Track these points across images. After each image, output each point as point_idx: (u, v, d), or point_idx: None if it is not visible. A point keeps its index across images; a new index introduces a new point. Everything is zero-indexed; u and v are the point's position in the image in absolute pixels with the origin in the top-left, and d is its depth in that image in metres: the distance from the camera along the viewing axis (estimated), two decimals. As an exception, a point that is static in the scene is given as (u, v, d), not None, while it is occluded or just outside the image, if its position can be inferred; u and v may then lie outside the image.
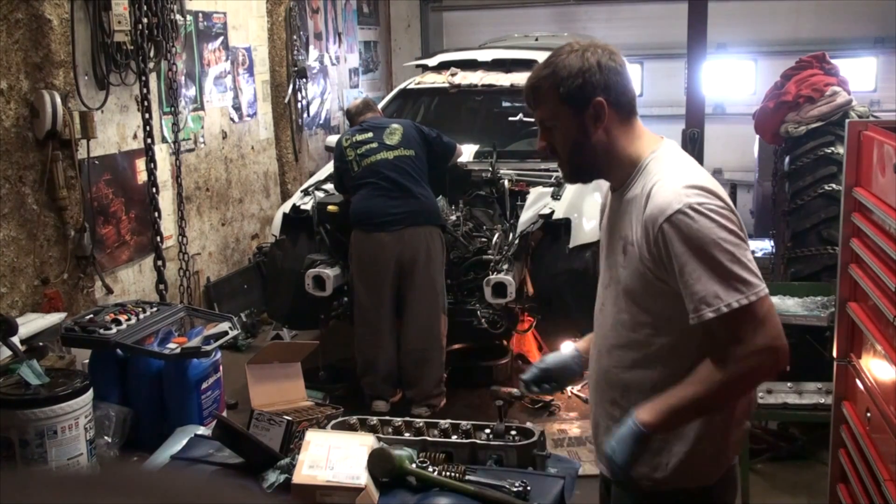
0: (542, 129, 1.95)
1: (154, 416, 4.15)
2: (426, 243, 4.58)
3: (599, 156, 1.91)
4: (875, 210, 2.70)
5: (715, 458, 1.93)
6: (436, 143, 4.90)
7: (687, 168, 1.89)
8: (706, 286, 1.74)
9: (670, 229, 1.77)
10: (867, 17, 8.50)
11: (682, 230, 1.76)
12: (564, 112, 1.88)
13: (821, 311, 4.20)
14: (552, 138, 1.93)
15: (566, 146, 1.92)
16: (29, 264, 4.47)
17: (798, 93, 5.10)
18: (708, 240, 1.76)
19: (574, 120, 1.88)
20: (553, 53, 1.93)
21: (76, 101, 4.67)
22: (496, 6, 9.83)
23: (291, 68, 7.45)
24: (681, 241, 1.76)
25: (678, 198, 1.78)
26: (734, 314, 1.74)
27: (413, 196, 4.63)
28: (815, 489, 3.88)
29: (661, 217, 1.78)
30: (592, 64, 1.87)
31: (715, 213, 1.78)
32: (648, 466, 1.91)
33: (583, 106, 1.87)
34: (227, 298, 6.33)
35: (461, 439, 2.32)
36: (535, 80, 1.92)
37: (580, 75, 1.86)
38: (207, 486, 0.66)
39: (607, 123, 1.88)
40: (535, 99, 1.93)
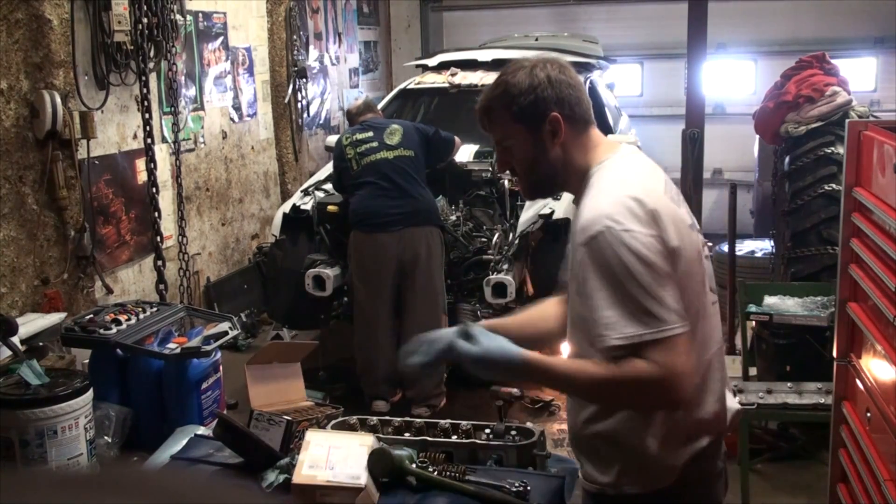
0: (500, 150, 1.95)
1: (154, 416, 4.15)
2: (426, 243, 4.57)
3: (558, 170, 1.89)
4: (875, 210, 2.70)
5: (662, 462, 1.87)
6: (434, 140, 4.90)
7: (624, 182, 1.82)
8: (610, 313, 1.70)
9: (587, 251, 1.74)
10: (867, 17, 8.49)
11: (596, 253, 1.72)
12: (519, 130, 1.87)
13: (821, 311, 4.20)
14: (510, 157, 1.92)
15: (523, 164, 1.91)
16: (29, 264, 4.47)
17: (798, 93, 5.10)
18: (621, 268, 1.70)
19: (530, 137, 1.86)
20: (502, 72, 1.90)
21: (76, 101, 4.67)
22: (496, 6, 9.83)
23: (291, 68, 7.45)
24: (594, 264, 1.73)
25: (601, 219, 1.73)
26: (637, 347, 1.70)
27: (412, 196, 4.63)
28: (815, 489, 3.88)
29: (580, 237, 1.76)
30: (542, 79, 1.84)
31: (636, 241, 1.71)
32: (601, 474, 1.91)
33: (538, 123, 1.85)
34: (227, 298, 6.33)
35: (461, 439, 2.32)
36: (487, 101, 1.90)
37: (531, 92, 1.83)
38: (208, 486, 0.66)
39: (564, 138, 1.85)
40: (489, 121, 1.92)
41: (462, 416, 2.50)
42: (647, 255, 1.71)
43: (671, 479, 1.87)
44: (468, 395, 5.05)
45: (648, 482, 1.89)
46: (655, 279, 1.71)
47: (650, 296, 1.70)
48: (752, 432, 4.06)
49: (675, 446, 1.87)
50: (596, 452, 1.93)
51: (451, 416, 2.48)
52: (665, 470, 1.87)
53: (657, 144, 8.34)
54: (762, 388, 3.94)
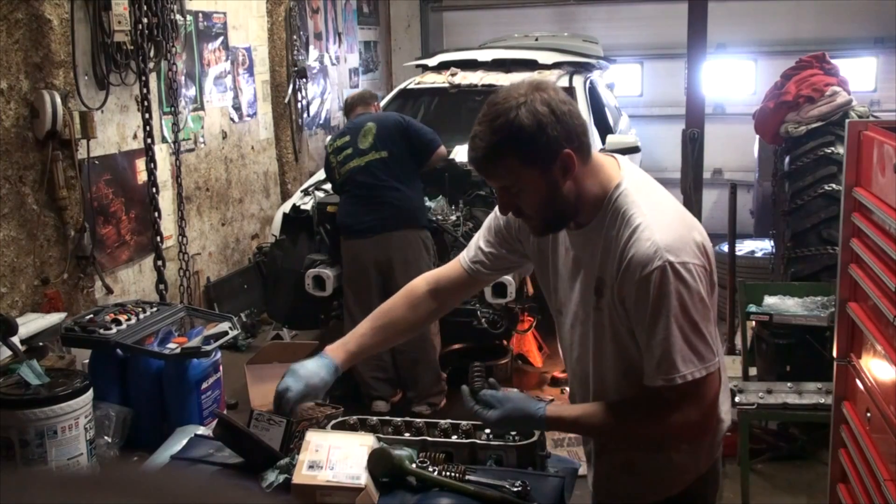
0: (504, 195, 1.80)
1: (154, 416, 4.15)
2: (401, 247, 4.53)
3: (571, 204, 1.80)
4: (875, 210, 2.70)
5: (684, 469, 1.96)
6: (413, 137, 4.71)
7: (664, 209, 1.81)
8: (666, 353, 1.71)
9: (650, 283, 1.70)
10: (867, 17, 8.49)
11: (659, 288, 1.70)
12: (529, 174, 1.74)
13: (821, 311, 4.20)
14: (518, 202, 1.79)
15: (535, 206, 1.79)
16: (29, 264, 4.47)
17: (798, 93, 5.10)
18: (681, 305, 1.70)
19: (542, 178, 1.74)
20: (494, 113, 1.71)
21: (76, 101, 4.67)
22: (496, 6, 9.83)
23: (291, 68, 7.45)
24: (655, 298, 1.70)
25: (661, 252, 1.70)
26: (683, 386, 1.72)
27: (385, 201, 4.57)
28: (815, 489, 3.88)
29: (642, 268, 1.71)
30: (547, 114, 1.70)
31: (694, 277, 1.71)
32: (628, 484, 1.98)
33: (550, 163, 1.73)
34: (227, 298, 6.33)
35: (461, 439, 2.32)
36: (490, 147, 1.72)
37: (541, 132, 1.69)
38: (207, 486, 0.66)
39: (575, 172, 1.76)
40: (493, 169, 1.76)
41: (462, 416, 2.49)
42: (699, 291, 1.72)
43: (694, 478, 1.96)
44: (468, 395, 5.05)
45: (678, 484, 1.96)
46: (704, 315, 1.73)
47: (699, 333, 1.72)
48: (752, 432, 4.06)
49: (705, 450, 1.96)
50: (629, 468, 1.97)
51: (451, 416, 2.47)
52: (691, 471, 1.96)
53: (657, 144, 8.35)
54: (762, 388, 3.94)
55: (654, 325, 1.71)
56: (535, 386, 5.27)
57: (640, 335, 1.76)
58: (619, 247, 1.76)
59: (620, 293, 1.77)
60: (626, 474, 1.99)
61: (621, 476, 2.00)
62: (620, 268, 1.75)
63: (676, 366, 1.70)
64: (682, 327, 1.70)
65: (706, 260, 1.77)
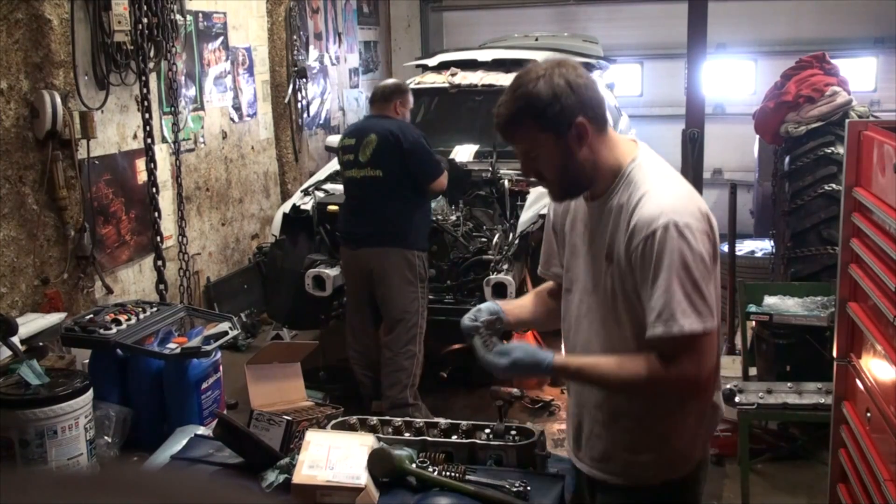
0: (525, 159, 1.97)
1: (154, 416, 4.15)
2: (380, 264, 4.48)
3: (587, 171, 1.94)
4: (875, 210, 2.70)
5: (685, 455, 2.03)
6: (412, 164, 4.46)
7: (673, 181, 1.95)
8: (668, 304, 1.80)
9: (654, 240, 1.82)
10: (867, 17, 8.49)
11: (665, 243, 1.81)
12: (546, 139, 1.89)
13: (821, 311, 4.20)
14: (537, 166, 1.95)
15: (553, 171, 1.94)
16: (29, 264, 4.47)
17: (798, 93, 5.10)
18: (686, 261, 1.80)
19: (557, 144, 1.89)
20: (517, 84, 1.91)
21: (76, 101, 4.67)
22: (496, 6, 9.83)
23: (291, 68, 7.45)
24: (660, 253, 1.81)
25: (666, 213, 1.83)
26: (681, 338, 1.80)
27: (374, 218, 4.50)
28: (815, 489, 3.88)
29: (646, 227, 1.83)
30: (563, 86, 1.86)
31: (696, 238, 1.82)
32: (631, 465, 2.02)
33: (564, 129, 1.88)
34: (227, 298, 6.33)
35: (461, 439, 2.32)
36: (509, 114, 1.90)
37: (556, 101, 1.85)
38: (207, 486, 0.66)
39: (590, 139, 1.90)
40: (512, 133, 1.93)
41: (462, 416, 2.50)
42: (701, 252, 1.82)
43: (693, 466, 2.04)
44: (468, 395, 5.05)
45: (679, 469, 2.03)
46: (705, 276, 1.83)
47: (699, 292, 1.81)
48: (752, 432, 4.06)
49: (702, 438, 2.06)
50: (632, 448, 2.02)
51: (451, 416, 2.48)
52: (691, 458, 2.04)
53: (657, 144, 8.31)
54: (762, 388, 3.94)
55: (656, 279, 1.82)
56: (535, 386, 5.26)
57: (644, 292, 1.85)
58: (629, 211, 1.88)
59: (628, 254, 1.87)
60: (626, 453, 2.02)
61: (621, 456, 2.03)
62: (629, 229, 1.87)
63: (675, 317, 1.79)
64: (682, 283, 1.80)
65: (709, 227, 1.87)
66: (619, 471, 2.04)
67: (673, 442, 2.00)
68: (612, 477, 2.05)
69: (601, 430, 2.04)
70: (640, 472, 2.02)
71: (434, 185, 4.53)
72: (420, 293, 4.51)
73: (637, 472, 2.02)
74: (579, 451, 2.12)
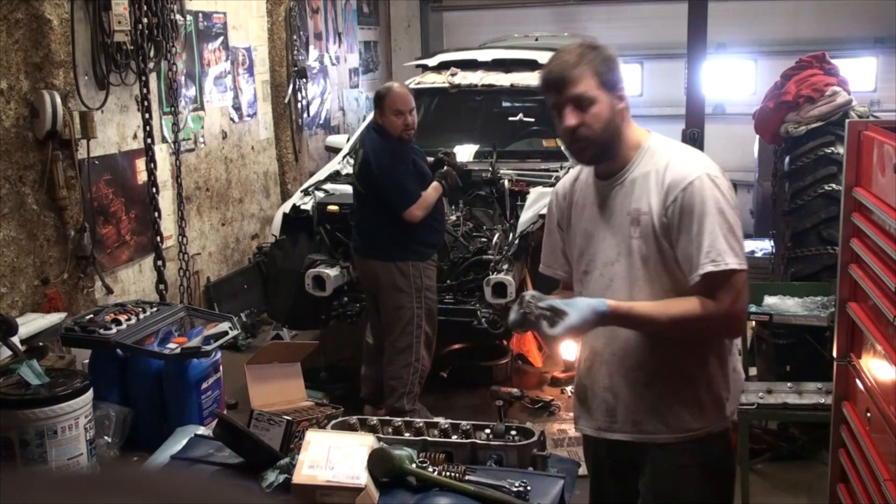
0: (575, 107, 2.06)
1: (154, 416, 4.15)
2: (375, 275, 4.51)
3: (618, 137, 2.11)
4: (875, 210, 2.70)
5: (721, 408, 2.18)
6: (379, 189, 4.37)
7: (691, 149, 2.19)
8: (714, 244, 1.98)
9: (692, 190, 2.01)
10: (867, 17, 8.49)
11: (703, 192, 2.01)
12: (600, 94, 2.06)
13: (821, 311, 4.20)
14: (584, 116, 2.06)
15: (600, 125, 2.07)
16: (29, 264, 4.47)
17: (798, 93, 5.10)
18: (722, 207, 2.01)
19: (608, 103, 2.07)
20: (581, 41, 2.13)
21: (76, 101, 4.67)
22: (496, 6, 9.83)
23: (291, 68, 7.45)
24: (700, 201, 2.00)
25: (699, 167, 2.05)
26: (725, 275, 1.99)
27: (363, 229, 4.56)
28: (815, 489, 3.88)
29: (684, 180, 2.03)
30: (615, 58, 2.11)
31: (726, 189, 2.05)
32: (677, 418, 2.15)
33: (613, 92, 2.08)
34: (227, 298, 6.33)
35: (461, 439, 2.32)
36: (575, 60, 2.05)
37: (616, 66, 2.09)
38: (207, 486, 0.66)
39: (623, 110, 2.11)
40: (576, 78, 2.05)
41: (462, 416, 2.50)
42: (731, 200, 2.05)
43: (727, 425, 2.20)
44: (468, 395, 5.05)
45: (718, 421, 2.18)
46: (735, 222, 2.04)
47: (734, 235, 2.02)
48: (752, 432, 4.06)
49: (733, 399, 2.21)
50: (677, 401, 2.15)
51: (451, 416, 2.48)
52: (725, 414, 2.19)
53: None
54: (762, 388, 3.94)
55: (700, 224, 2.00)
56: (535, 386, 5.27)
57: (684, 239, 2.02)
58: (659, 174, 2.07)
59: (663, 209, 2.05)
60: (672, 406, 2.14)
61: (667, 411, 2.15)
62: (662, 187, 2.06)
63: (722, 255, 1.98)
64: (722, 226, 2.00)
65: (728, 183, 2.09)
66: (665, 427, 2.15)
67: (713, 390, 2.15)
68: (657, 435, 2.16)
69: (643, 391, 2.15)
70: (685, 425, 2.14)
71: (410, 215, 4.32)
72: (416, 303, 4.45)
73: (683, 424, 2.14)
74: (614, 424, 2.21)
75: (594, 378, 2.24)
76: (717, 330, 2.08)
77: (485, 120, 6.43)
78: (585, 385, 2.27)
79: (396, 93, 4.41)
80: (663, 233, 2.06)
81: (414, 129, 4.45)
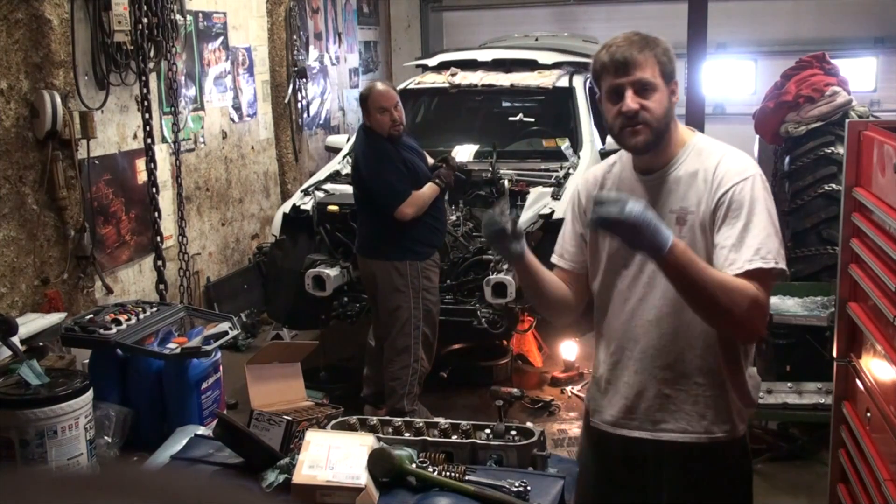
0: (635, 91, 2.06)
1: (154, 416, 4.15)
2: (372, 274, 4.53)
3: (670, 131, 2.11)
4: (875, 210, 2.71)
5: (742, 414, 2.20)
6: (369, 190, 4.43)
7: (740, 151, 2.17)
8: (766, 242, 1.98)
9: (746, 185, 2.02)
10: (867, 17, 8.49)
11: (755, 190, 2.02)
12: (660, 83, 2.07)
13: (821, 311, 4.20)
14: (645, 99, 2.06)
15: (660, 111, 2.07)
16: (29, 264, 4.47)
17: (798, 93, 5.10)
18: (771, 210, 2.04)
19: (666, 92, 2.08)
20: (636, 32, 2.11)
21: (76, 101, 4.67)
22: (496, 6, 9.83)
23: (291, 68, 7.45)
24: (752, 198, 2.01)
25: (752, 167, 2.08)
26: (771, 274, 2.01)
27: (364, 231, 4.60)
28: (815, 489, 3.88)
29: (738, 176, 2.04)
30: (673, 51, 2.11)
31: (770, 193, 2.08)
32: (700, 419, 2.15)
33: (671, 83, 2.09)
34: (227, 298, 6.33)
35: (461, 439, 2.32)
36: (643, 45, 2.07)
37: (673, 58, 2.10)
38: (207, 486, 0.66)
39: (675, 105, 2.12)
40: (642, 61, 2.05)
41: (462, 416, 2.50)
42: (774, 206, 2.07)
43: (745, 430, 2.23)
44: (468, 395, 5.05)
45: (738, 426, 2.20)
46: (778, 227, 2.06)
47: (780, 237, 2.04)
48: (752, 432, 4.05)
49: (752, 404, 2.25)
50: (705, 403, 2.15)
51: (452, 416, 2.48)
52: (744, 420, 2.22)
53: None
54: (762, 388, 3.94)
55: (749, 220, 2.00)
56: (535, 386, 5.27)
57: (726, 232, 2.01)
58: (710, 170, 2.08)
59: (713, 206, 2.04)
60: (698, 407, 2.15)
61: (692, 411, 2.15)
62: (714, 181, 2.06)
63: (773, 254, 1.99)
64: (771, 226, 2.02)
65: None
66: (688, 427, 2.15)
67: (737, 396, 2.16)
68: (680, 435, 2.16)
69: (670, 391, 2.16)
70: (707, 426, 2.15)
71: (400, 213, 4.34)
72: (413, 302, 4.45)
73: (705, 425, 2.15)
74: (632, 421, 2.22)
75: (619, 374, 2.23)
76: (750, 317, 1.99)
77: (485, 120, 6.43)
78: (609, 380, 2.26)
79: (378, 91, 4.45)
80: (710, 228, 2.05)
81: (402, 123, 4.46)
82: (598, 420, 2.30)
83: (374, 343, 4.76)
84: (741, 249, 1.98)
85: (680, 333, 2.13)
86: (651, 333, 2.16)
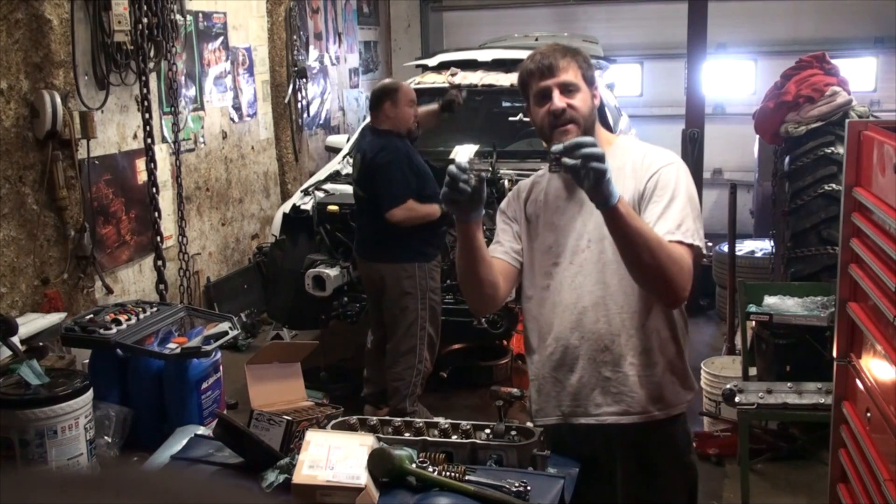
0: (562, 92, 2.23)
1: (154, 416, 4.14)
2: (380, 278, 4.52)
3: (595, 130, 2.28)
4: (875, 210, 2.70)
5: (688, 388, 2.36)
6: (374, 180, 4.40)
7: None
8: (685, 221, 2.14)
9: (671, 169, 2.21)
10: (867, 17, 8.49)
11: (679, 175, 2.21)
12: (582, 85, 2.25)
13: (821, 311, 4.20)
14: (572, 99, 2.23)
15: (586, 109, 2.24)
16: (29, 264, 4.47)
17: (798, 93, 5.10)
18: (693, 195, 2.21)
19: (589, 94, 2.26)
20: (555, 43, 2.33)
21: (76, 101, 4.67)
22: (496, 6, 9.83)
23: (291, 68, 7.45)
24: (676, 180, 2.19)
25: (676, 157, 2.29)
26: (690, 248, 2.13)
27: (367, 234, 4.58)
28: (815, 489, 3.88)
29: (664, 161, 2.23)
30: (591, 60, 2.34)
31: (693, 182, 2.26)
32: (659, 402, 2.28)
33: (591, 88, 2.27)
34: (227, 298, 6.33)
35: (461, 439, 2.32)
36: (565, 53, 2.26)
37: (591, 65, 2.31)
38: (207, 486, 0.66)
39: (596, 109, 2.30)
40: (565, 65, 2.24)
41: (462, 416, 2.49)
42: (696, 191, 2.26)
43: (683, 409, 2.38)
44: (468, 395, 5.05)
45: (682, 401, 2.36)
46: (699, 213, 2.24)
47: (700, 221, 2.21)
48: (752, 432, 4.06)
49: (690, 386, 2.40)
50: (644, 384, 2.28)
51: (452, 416, 2.47)
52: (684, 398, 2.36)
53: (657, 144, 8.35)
54: (762, 388, 3.94)
55: (672, 199, 2.16)
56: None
57: (654, 209, 2.17)
58: (638, 160, 2.25)
59: (641, 188, 2.20)
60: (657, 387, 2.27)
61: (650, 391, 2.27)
62: (642, 169, 2.22)
63: (690, 231, 2.14)
64: (691, 209, 2.18)
65: None
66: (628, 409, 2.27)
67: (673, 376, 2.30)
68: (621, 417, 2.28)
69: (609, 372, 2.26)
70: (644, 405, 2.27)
71: (389, 214, 4.30)
72: (420, 304, 4.46)
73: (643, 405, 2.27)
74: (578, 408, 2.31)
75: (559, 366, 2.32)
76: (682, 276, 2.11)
77: (485, 120, 6.42)
78: (551, 375, 2.34)
79: (405, 85, 4.63)
80: (639, 209, 2.18)
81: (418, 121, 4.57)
82: (543, 417, 2.38)
83: (372, 345, 4.76)
84: (665, 222, 2.13)
85: (613, 316, 2.25)
86: (586, 319, 2.26)
